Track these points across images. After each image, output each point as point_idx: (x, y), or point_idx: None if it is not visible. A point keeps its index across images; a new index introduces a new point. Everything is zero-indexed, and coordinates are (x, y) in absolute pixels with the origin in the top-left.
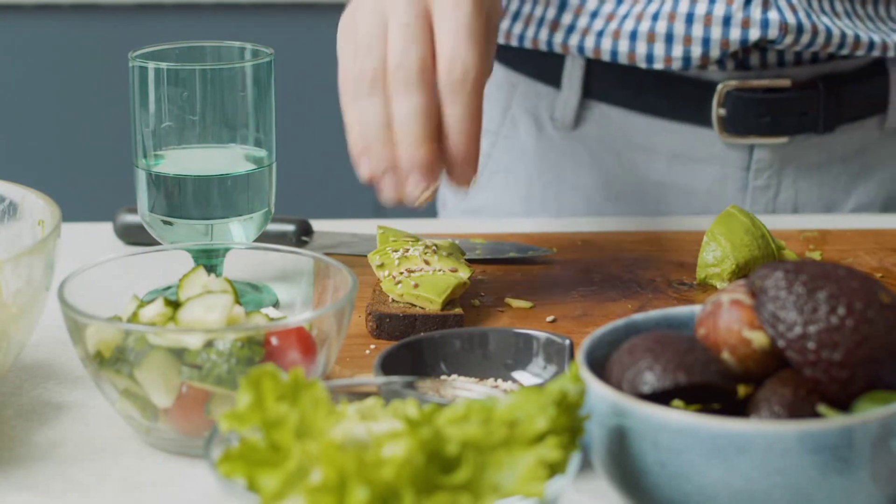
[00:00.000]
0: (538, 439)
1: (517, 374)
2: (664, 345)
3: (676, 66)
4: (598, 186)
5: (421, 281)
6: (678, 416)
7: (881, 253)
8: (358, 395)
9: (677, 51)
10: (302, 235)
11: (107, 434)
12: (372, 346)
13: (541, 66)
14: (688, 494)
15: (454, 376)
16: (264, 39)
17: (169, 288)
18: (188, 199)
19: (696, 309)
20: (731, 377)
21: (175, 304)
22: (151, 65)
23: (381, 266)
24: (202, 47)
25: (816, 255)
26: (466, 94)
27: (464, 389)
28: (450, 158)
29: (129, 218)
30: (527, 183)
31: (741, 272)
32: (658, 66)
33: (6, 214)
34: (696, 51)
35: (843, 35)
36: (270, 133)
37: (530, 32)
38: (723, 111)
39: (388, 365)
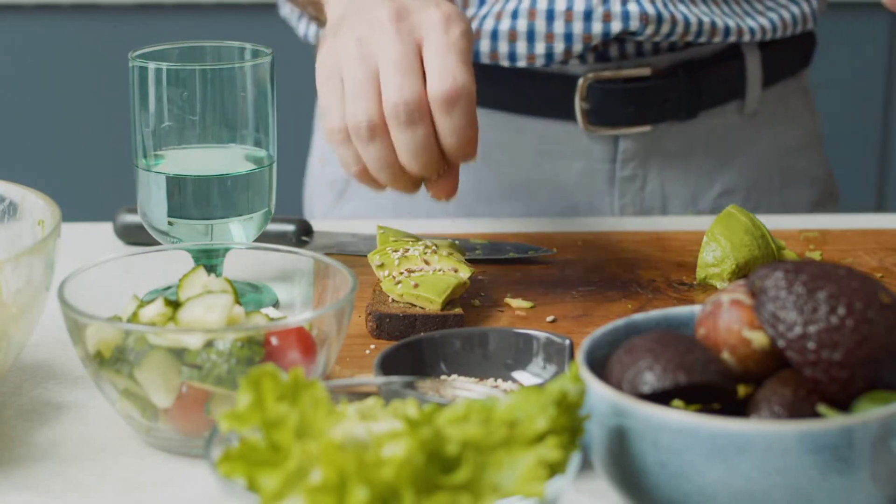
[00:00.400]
0: (538, 439)
1: (517, 374)
2: (664, 345)
3: (539, 62)
4: (467, 187)
5: (421, 281)
6: (678, 416)
7: (881, 253)
8: (358, 395)
9: (540, 48)
10: (302, 235)
11: (107, 434)
12: (372, 346)
13: None
14: (688, 494)
15: (454, 376)
16: (264, 39)
17: (169, 288)
18: (188, 199)
19: (696, 309)
20: (731, 377)
21: (175, 304)
22: (151, 65)
23: (381, 266)
24: (202, 47)
25: (816, 255)
26: (462, 105)
27: (464, 389)
28: (452, 161)
29: (129, 218)
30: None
31: (741, 272)
32: (521, 63)
33: (6, 214)
34: (559, 47)
35: (701, 22)
36: (270, 133)
37: None
38: (586, 104)
39: (388, 365)
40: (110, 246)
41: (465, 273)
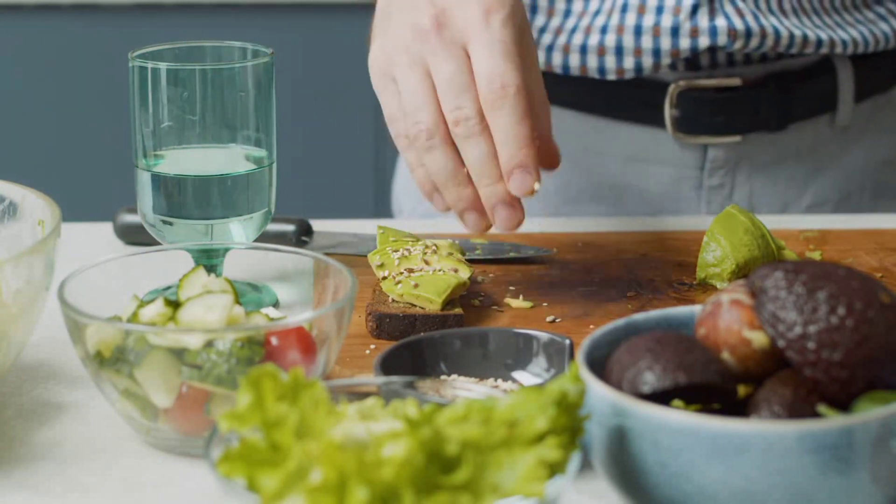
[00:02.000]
0: (538, 439)
1: (517, 374)
2: (664, 345)
3: (629, 76)
4: (555, 189)
5: (421, 281)
6: (678, 416)
7: (881, 253)
8: (358, 395)
9: (628, 62)
10: (302, 235)
11: (107, 434)
12: (372, 346)
13: None
14: (688, 494)
15: (454, 376)
16: (264, 39)
17: (169, 288)
18: (188, 199)
19: (696, 309)
20: (731, 377)
21: (175, 304)
22: (151, 65)
23: (381, 266)
24: (202, 47)
25: (816, 255)
26: (510, 104)
27: (464, 389)
28: (506, 168)
29: (129, 218)
30: None
31: (741, 272)
32: (610, 77)
33: (6, 214)
34: (648, 61)
35: (792, 35)
36: (270, 133)
37: None
38: (675, 112)
39: (388, 365)
40: (110, 246)
41: (465, 273)
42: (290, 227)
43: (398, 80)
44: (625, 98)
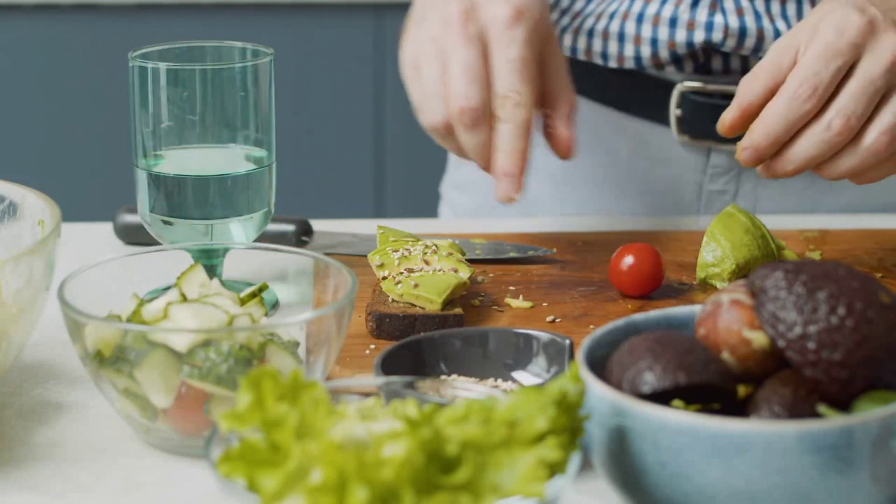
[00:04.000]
0: (538, 439)
1: (517, 374)
2: (664, 345)
3: (629, 65)
4: (562, 173)
5: (421, 281)
6: (678, 416)
7: (881, 253)
8: (358, 395)
9: (629, 50)
10: (302, 235)
11: (107, 434)
12: (372, 346)
13: None
14: (688, 494)
15: (454, 376)
16: (264, 39)
17: (169, 288)
18: (188, 199)
19: (696, 309)
20: (731, 377)
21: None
22: (151, 65)
23: (381, 266)
24: (202, 47)
25: (816, 255)
26: (516, 120)
27: (464, 389)
28: (496, 173)
29: (129, 218)
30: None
31: (741, 272)
32: (612, 64)
33: (6, 214)
34: (646, 51)
35: None
36: (270, 133)
37: None
38: (679, 112)
39: (388, 365)
40: (110, 246)
41: (465, 273)
42: (290, 227)
43: (422, 72)
44: (632, 91)
